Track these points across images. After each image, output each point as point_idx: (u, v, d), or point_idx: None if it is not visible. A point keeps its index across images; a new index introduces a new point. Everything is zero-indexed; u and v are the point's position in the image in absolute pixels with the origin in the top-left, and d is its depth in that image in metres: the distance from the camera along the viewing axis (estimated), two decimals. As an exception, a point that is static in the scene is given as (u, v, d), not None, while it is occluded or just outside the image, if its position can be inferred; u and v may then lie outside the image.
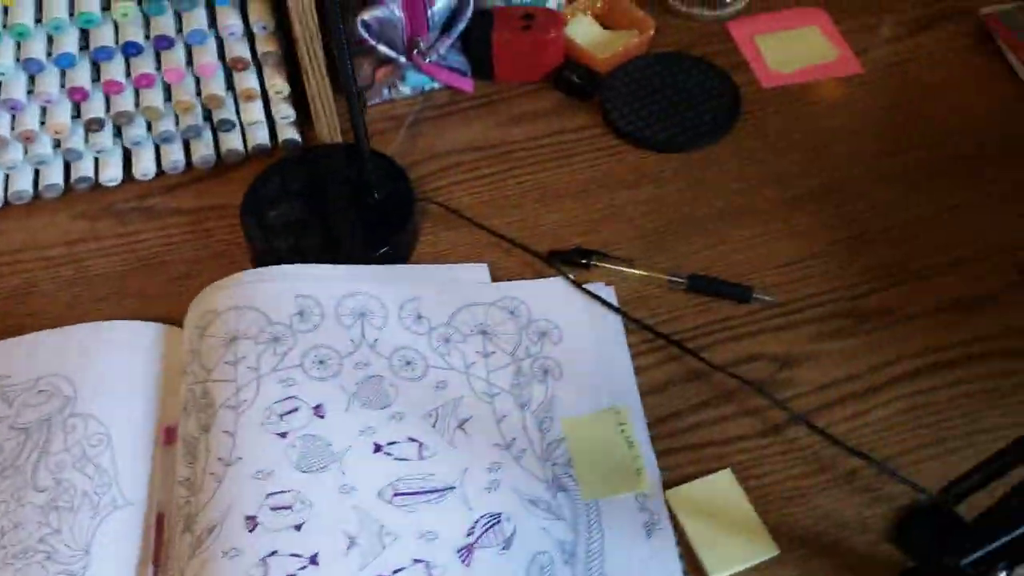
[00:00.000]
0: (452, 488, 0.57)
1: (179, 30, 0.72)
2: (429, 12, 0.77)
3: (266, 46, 0.73)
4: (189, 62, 0.74)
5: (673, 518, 0.58)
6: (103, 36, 0.71)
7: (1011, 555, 0.45)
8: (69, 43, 0.70)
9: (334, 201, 0.73)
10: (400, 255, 0.70)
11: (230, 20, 0.72)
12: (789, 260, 0.70)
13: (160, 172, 0.77)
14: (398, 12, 0.75)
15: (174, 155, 0.76)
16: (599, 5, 0.86)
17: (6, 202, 0.75)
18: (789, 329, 0.66)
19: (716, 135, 0.78)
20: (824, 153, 0.77)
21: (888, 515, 0.58)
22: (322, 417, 0.60)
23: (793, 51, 0.85)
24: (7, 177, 0.75)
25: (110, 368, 0.63)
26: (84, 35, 0.72)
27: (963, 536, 0.48)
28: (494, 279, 0.69)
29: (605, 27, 0.86)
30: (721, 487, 0.59)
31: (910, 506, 0.57)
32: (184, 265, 0.72)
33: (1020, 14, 0.84)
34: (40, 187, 0.75)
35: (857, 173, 0.75)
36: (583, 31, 0.84)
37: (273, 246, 0.70)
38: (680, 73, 0.82)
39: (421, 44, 0.78)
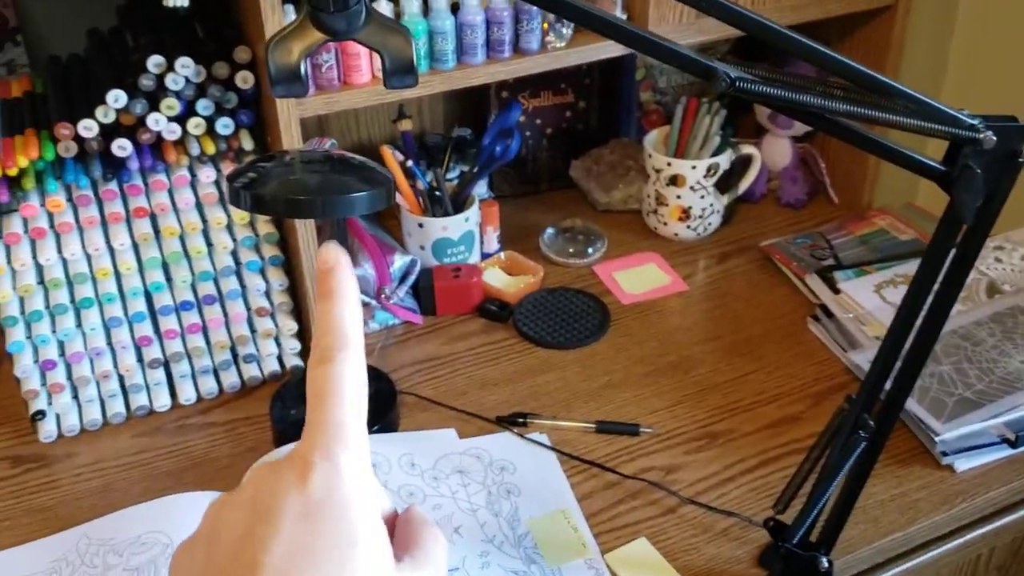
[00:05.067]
0: (456, 569, 0.82)
1: (218, 290, 1.02)
2: (391, 269, 1.10)
3: (280, 298, 1.03)
4: (224, 312, 1.03)
5: (612, 573, 0.84)
6: (164, 297, 1.00)
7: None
8: (140, 304, 0.99)
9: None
10: (391, 429, 0.98)
11: (256, 281, 1.02)
12: (659, 407, 1.02)
13: (199, 398, 1.03)
14: (370, 270, 1.08)
15: (210, 384, 1.03)
16: (504, 260, 1.22)
17: (82, 429, 0.99)
18: (668, 449, 0.97)
19: (596, 336, 1.12)
20: (669, 341, 1.11)
21: (753, 551, 0.86)
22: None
23: (640, 280, 1.22)
24: (81, 409, 0.99)
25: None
26: (148, 296, 1.00)
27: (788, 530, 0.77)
28: (460, 438, 0.97)
29: (510, 274, 1.21)
30: (641, 549, 0.86)
31: (765, 544, 0.86)
32: (226, 459, 0.97)
33: (785, 243, 1.25)
34: (108, 416, 1.00)
35: (695, 351, 1.10)
36: (495, 277, 1.20)
37: (296, 436, 0.96)
38: (565, 299, 1.17)
39: (386, 291, 1.10)
